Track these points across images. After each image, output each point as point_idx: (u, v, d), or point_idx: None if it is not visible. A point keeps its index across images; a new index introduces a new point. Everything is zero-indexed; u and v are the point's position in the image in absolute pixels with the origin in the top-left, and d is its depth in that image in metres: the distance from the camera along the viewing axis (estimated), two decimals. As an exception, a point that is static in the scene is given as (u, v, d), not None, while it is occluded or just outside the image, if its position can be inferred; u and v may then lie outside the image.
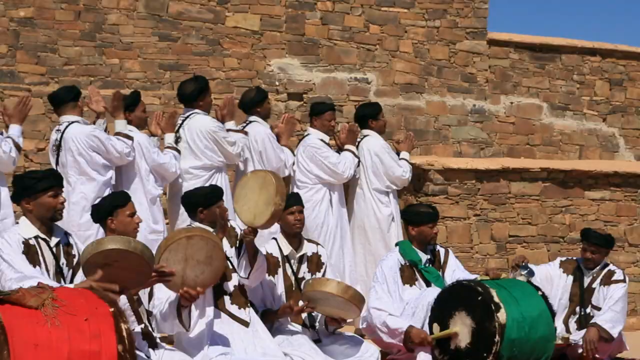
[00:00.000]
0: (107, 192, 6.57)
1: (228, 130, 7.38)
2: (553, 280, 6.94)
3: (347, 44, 10.55)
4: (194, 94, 7.29)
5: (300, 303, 5.65)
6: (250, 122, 7.68)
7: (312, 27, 10.44)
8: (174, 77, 9.61)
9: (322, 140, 7.80)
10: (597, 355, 6.56)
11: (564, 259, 7.14)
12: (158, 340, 5.04)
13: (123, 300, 4.57)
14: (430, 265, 6.51)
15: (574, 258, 7.17)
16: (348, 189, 8.02)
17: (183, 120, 7.31)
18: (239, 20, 10.20)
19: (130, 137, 6.82)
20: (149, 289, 5.01)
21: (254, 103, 7.72)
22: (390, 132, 10.08)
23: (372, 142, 7.97)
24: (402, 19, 10.74)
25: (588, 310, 6.84)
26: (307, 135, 7.92)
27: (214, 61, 10.09)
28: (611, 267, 6.97)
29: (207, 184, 6.73)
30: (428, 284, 6.42)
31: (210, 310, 5.41)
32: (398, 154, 8.17)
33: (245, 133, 7.49)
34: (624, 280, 6.83)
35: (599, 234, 7.05)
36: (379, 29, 10.66)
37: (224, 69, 10.15)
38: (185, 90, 7.38)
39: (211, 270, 4.82)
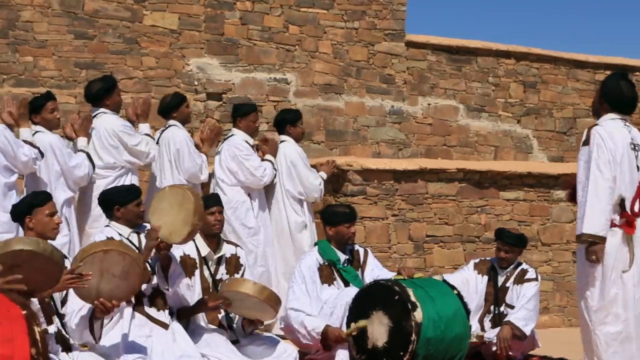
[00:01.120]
0: (13, 195, 6.46)
1: (145, 134, 7.35)
2: (469, 283, 7.05)
3: (267, 44, 10.55)
4: (100, 93, 7.20)
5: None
6: (169, 126, 7.68)
7: (231, 26, 10.40)
8: (90, 75, 9.45)
9: (246, 142, 7.80)
10: (510, 353, 6.69)
11: (477, 260, 7.25)
12: (72, 342, 4.96)
13: (35, 303, 4.49)
14: (349, 265, 6.55)
15: (488, 258, 7.28)
16: (267, 194, 8.01)
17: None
18: (157, 19, 10.10)
19: (35, 147, 6.69)
20: (64, 293, 4.93)
21: (170, 108, 7.72)
22: (310, 133, 10.13)
23: (288, 148, 7.99)
24: (322, 20, 10.79)
25: (502, 309, 6.96)
26: (231, 135, 7.90)
27: (131, 60, 9.97)
28: (524, 266, 7.10)
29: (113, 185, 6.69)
30: (346, 284, 6.46)
31: (127, 313, 5.35)
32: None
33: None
34: (536, 279, 6.97)
35: (512, 233, 7.18)
36: (298, 29, 10.68)
37: (142, 68, 10.04)
38: (91, 90, 7.29)
39: (127, 285, 4.79)
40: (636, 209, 5.48)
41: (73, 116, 7.43)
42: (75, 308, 4.90)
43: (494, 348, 6.66)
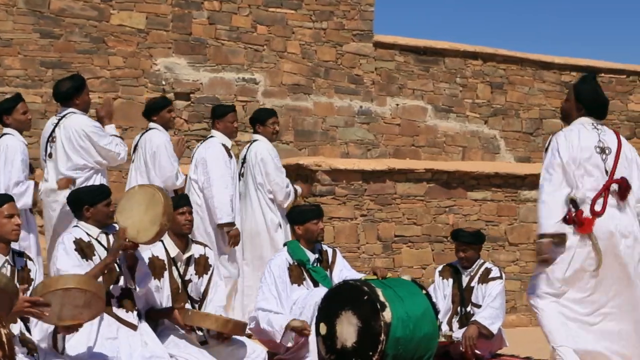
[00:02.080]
0: None
1: (112, 135, 7.30)
2: (437, 290, 7.11)
3: (235, 44, 10.52)
4: (70, 93, 7.13)
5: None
6: (150, 129, 7.63)
7: (199, 26, 10.36)
8: (57, 75, 9.36)
9: (224, 145, 7.68)
10: (477, 352, 6.72)
11: (440, 268, 7.31)
12: (37, 344, 4.92)
13: None
14: (318, 265, 6.56)
15: (449, 263, 7.34)
16: (241, 196, 7.91)
17: (59, 120, 7.14)
18: (124, 19, 10.03)
19: None
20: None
21: (150, 110, 7.68)
22: (279, 133, 10.11)
23: (259, 147, 7.94)
24: (290, 20, 10.79)
25: (469, 309, 7.00)
26: (210, 137, 7.81)
27: (98, 59, 9.90)
28: (487, 265, 7.15)
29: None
30: (316, 284, 6.47)
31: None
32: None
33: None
34: (500, 277, 7.02)
35: (467, 232, 7.22)
36: (266, 29, 10.67)
37: (109, 67, 9.97)
38: (60, 89, 7.21)
39: (89, 312, 4.78)
40: (597, 208, 5.48)
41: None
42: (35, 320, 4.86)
43: (461, 347, 6.69)
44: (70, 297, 4.64)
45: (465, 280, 7.07)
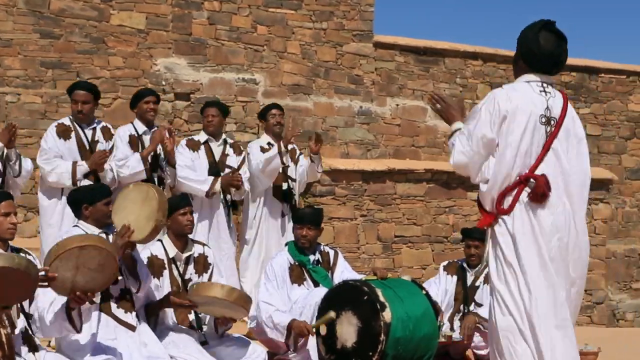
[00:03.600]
0: None
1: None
2: (437, 284, 7.10)
3: (235, 44, 10.53)
4: None
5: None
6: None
7: (199, 26, 10.37)
8: (57, 75, 9.37)
9: (192, 139, 7.62)
10: (478, 352, 6.72)
11: (445, 263, 7.28)
12: (38, 343, 4.91)
13: None
14: (319, 265, 6.56)
15: (456, 260, 7.33)
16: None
17: None
18: (124, 19, 10.04)
19: None
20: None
21: (131, 104, 7.52)
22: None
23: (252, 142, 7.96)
24: (290, 20, 10.79)
25: (472, 308, 6.99)
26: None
27: (98, 60, 9.91)
28: (493, 265, 7.13)
29: None
30: (316, 284, 6.47)
31: (94, 315, 5.30)
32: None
33: None
34: (505, 276, 6.99)
35: (478, 229, 7.22)
36: (266, 29, 10.68)
37: (109, 67, 9.97)
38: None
39: (103, 277, 4.74)
40: (505, 205, 4.39)
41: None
42: (46, 305, 4.84)
43: (460, 335, 6.67)
44: (86, 256, 4.60)
45: (470, 279, 7.06)
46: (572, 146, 4.44)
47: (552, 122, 4.38)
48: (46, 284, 4.47)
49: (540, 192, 4.30)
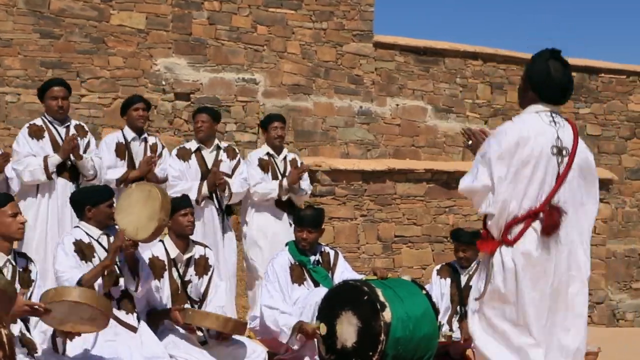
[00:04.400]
0: None
1: None
2: (434, 289, 7.12)
3: (235, 44, 10.52)
4: None
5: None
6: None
7: (199, 26, 10.37)
8: (57, 75, 9.36)
9: (184, 147, 7.55)
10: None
11: (438, 267, 7.30)
12: (37, 345, 4.92)
13: None
14: (319, 265, 6.57)
15: (447, 263, 7.34)
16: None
17: None
18: (124, 19, 10.04)
19: None
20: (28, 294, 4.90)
21: (121, 111, 7.49)
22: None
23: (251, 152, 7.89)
24: (290, 20, 10.79)
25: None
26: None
27: (98, 60, 9.90)
28: (485, 264, 7.14)
29: None
30: (316, 284, 6.47)
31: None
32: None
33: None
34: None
35: (467, 232, 7.24)
36: (266, 29, 10.68)
37: (109, 67, 9.97)
38: None
39: (91, 326, 4.81)
40: (511, 235, 4.32)
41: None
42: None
43: (461, 340, 6.68)
44: (79, 310, 4.66)
45: (463, 279, 7.09)
46: (583, 178, 4.44)
47: (564, 152, 4.34)
48: (38, 313, 4.51)
49: (552, 224, 4.27)
